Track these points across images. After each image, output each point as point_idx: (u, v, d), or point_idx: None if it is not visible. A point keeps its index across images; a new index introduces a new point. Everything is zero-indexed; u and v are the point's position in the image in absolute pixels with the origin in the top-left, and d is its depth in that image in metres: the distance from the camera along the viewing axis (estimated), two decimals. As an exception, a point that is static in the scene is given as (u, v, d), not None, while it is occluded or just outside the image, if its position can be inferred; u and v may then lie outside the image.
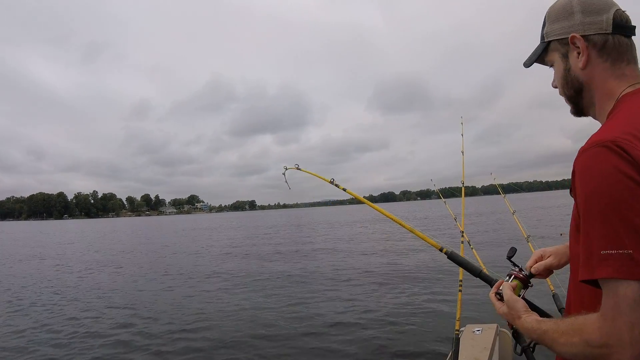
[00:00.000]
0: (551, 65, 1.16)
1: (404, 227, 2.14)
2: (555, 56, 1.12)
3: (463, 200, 4.13)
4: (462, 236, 3.73)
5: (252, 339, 6.14)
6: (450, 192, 5.60)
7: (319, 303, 8.07)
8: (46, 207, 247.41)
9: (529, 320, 1.05)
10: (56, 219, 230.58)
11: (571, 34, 1.05)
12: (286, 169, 2.98)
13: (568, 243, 1.28)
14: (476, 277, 1.61)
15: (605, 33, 1.02)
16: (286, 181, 3.08)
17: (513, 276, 1.24)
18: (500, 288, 1.21)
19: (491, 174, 5.66)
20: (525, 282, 1.23)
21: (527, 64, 1.22)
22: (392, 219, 2.27)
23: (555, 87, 1.18)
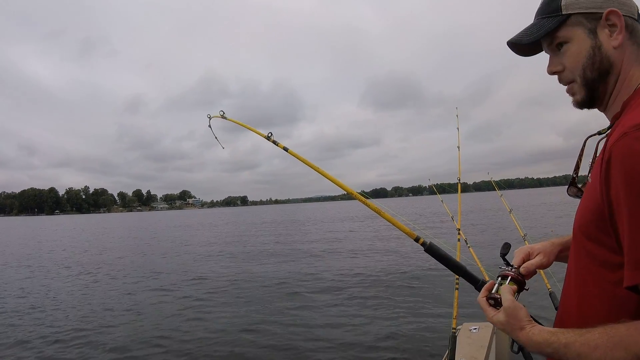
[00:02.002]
0: (560, 43, 1.02)
1: (370, 207, 1.82)
2: (576, 32, 0.99)
3: (459, 196, 3.92)
4: (459, 234, 3.56)
5: (241, 341, 6.09)
6: (442, 189, 5.51)
7: (312, 303, 8.03)
8: (37, 202, 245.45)
9: (537, 331, 0.91)
10: (47, 214, 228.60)
11: (609, 9, 0.95)
12: (210, 118, 2.60)
13: (553, 240, 1.20)
14: (460, 276, 1.38)
15: (633, 18, 0.97)
16: (215, 136, 2.73)
17: (510, 278, 1.06)
18: (494, 291, 1.05)
19: (488, 173, 5.61)
20: (522, 284, 1.07)
21: (529, 39, 1.04)
22: (358, 198, 1.90)
23: (554, 74, 1.05)
